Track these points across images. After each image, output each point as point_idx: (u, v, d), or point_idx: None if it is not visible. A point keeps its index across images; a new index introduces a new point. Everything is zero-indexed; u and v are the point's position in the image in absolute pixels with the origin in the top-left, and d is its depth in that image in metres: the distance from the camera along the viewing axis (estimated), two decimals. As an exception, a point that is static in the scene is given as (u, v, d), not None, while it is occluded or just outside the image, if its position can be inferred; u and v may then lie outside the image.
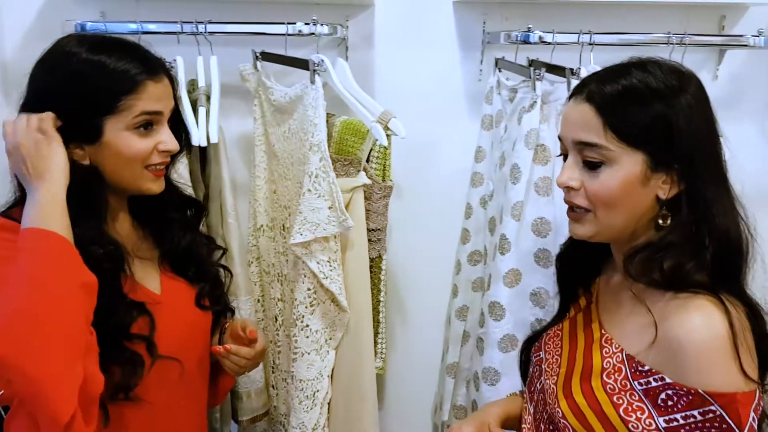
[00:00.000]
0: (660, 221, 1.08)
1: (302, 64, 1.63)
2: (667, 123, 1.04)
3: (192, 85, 1.73)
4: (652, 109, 1.05)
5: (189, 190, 1.54)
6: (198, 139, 1.59)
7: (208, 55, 1.70)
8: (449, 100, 1.98)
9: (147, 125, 1.22)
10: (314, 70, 1.57)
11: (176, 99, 1.30)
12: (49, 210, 1.10)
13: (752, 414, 0.97)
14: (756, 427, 0.99)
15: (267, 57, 1.77)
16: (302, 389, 1.68)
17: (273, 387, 1.90)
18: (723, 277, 1.05)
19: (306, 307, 1.65)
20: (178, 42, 1.67)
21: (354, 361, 1.71)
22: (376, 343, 1.81)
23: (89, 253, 1.14)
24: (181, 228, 1.38)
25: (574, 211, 1.14)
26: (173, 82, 1.28)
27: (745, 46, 1.76)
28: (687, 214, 1.06)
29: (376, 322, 1.80)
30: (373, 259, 1.76)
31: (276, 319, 1.86)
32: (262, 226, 1.85)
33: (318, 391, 1.69)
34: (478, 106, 1.95)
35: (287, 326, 1.81)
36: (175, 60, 1.66)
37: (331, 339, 1.69)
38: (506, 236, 1.65)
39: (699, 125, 1.06)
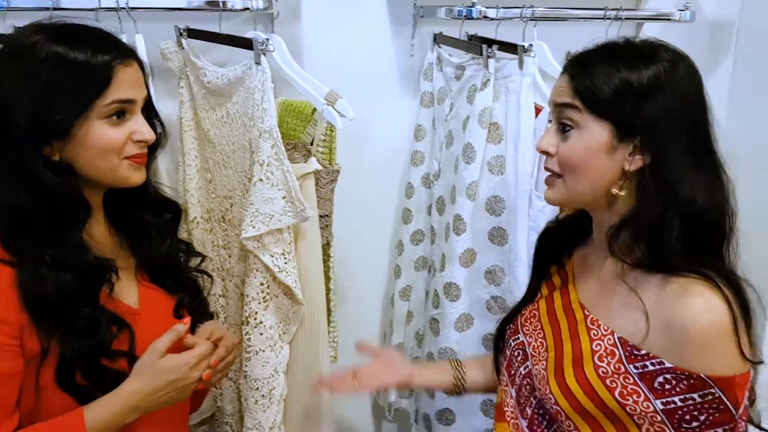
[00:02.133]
0: (614, 189, 1.08)
1: (241, 42, 1.51)
2: (631, 95, 1.05)
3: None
4: (617, 78, 1.05)
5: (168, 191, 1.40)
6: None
7: (132, 34, 1.53)
8: (380, 76, 1.92)
9: (120, 114, 1.11)
10: (260, 50, 1.46)
11: (147, 87, 1.17)
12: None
13: (746, 393, 1.01)
14: (749, 404, 1.03)
15: (194, 34, 1.62)
16: (257, 388, 1.59)
17: (216, 387, 1.79)
18: (699, 250, 1.06)
19: (259, 303, 1.56)
20: (97, 19, 1.48)
21: (310, 354, 1.64)
22: (328, 332, 1.75)
23: (80, 263, 1.07)
24: (160, 233, 1.26)
25: (550, 176, 1.15)
26: (143, 68, 1.16)
27: (669, 19, 1.82)
28: (652, 187, 1.06)
29: (328, 311, 1.74)
30: (322, 247, 1.68)
31: (217, 316, 1.74)
32: (195, 218, 1.72)
33: (274, 388, 1.61)
34: (411, 83, 1.91)
35: (231, 324, 1.71)
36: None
37: (284, 333, 1.61)
38: (461, 216, 1.63)
39: (667, 99, 1.05)
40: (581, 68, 1.09)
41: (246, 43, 1.49)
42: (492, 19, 1.68)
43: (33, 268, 1.05)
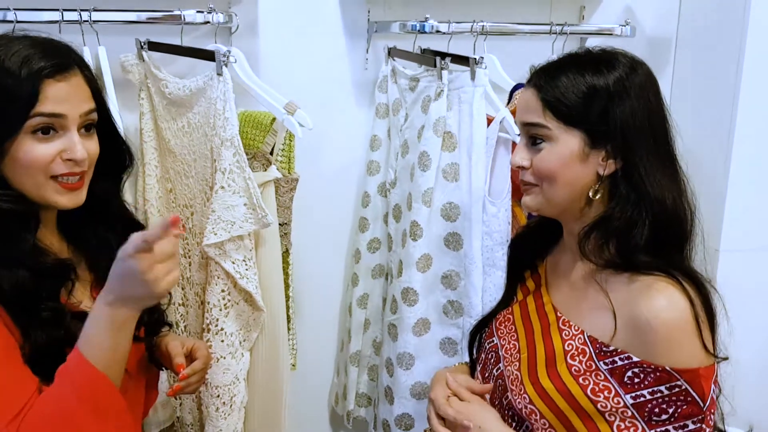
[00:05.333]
0: (590, 194, 1.13)
1: (203, 54, 1.55)
2: (599, 100, 1.09)
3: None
4: (584, 84, 1.10)
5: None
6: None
7: (94, 47, 1.55)
8: (336, 88, 1.97)
9: (45, 129, 1.06)
10: (222, 62, 1.50)
11: (101, 100, 1.16)
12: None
13: (713, 386, 1.06)
14: (716, 397, 1.07)
15: (155, 47, 1.65)
16: (218, 396, 1.61)
17: (177, 397, 1.80)
18: (665, 249, 1.10)
19: (220, 310, 1.58)
20: (60, 32, 1.51)
21: (270, 361, 1.67)
22: (288, 339, 1.78)
23: (37, 264, 1.06)
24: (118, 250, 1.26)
25: (526, 184, 1.19)
26: (93, 82, 1.14)
27: (610, 34, 1.92)
28: (625, 189, 1.11)
29: (287, 318, 1.76)
30: (282, 255, 1.71)
31: (177, 326, 1.75)
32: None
33: (235, 395, 1.63)
34: (366, 95, 1.97)
35: (191, 332, 1.72)
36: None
37: (245, 341, 1.64)
38: (418, 222, 1.68)
39: (632, 102, 1.10)
40: (547, 79, 1.12)
41: (208, 55, 1.53)
42: (444, 33, 1.75)
43: None
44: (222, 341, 1.59)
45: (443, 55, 1.67)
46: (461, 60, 1.66)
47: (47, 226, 1.18)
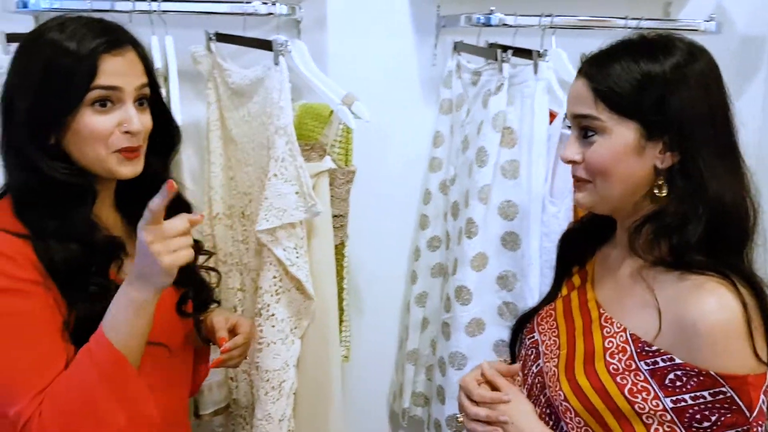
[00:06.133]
0: (656, 191, 1.07)
1: (263, 44, 1.58)
2: (655, 89, 1.03)
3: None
4: (638, 71, 1.04)
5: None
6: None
7: (162, 36, 1.62)
8: (403, 84, 1.96)
9: (103, 102, 1.12)
10: (279, 52, 1.52)
11: (153, 77, 1.20)
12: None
13: (762, 396, 0.98)
14: (765, 409, 0.99)
15: (222, 38, 1.70)
16: (268, 380, 1.62)
17: (232, 379, 1.84)
18: (722, 249, 1.04)
19: (271, 296, 1.60)
20: (130, 21, 1.57)
21: (320, 350, 1.67)
22: (340, 330, 1.78)
23: (89, 239, 1.10)
24: None
25: (578, 180, 1.14)
26: (146, 59, 1.19)
27: (696, 30, 1.81)
28: (682, 183, 1.05)
29: (340, 310, 1.77)
30: (336, 246, 1.72)
31: (235, 310, 1.79)
32: (218, 214, 1.78)
33: (284, 381, 1.64)
34: (433, 92, 1.95)
35: (249, 316, 1.75)
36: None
37: (296, 328, 1.65)
38: (473, 220, 1.65)
39: (691, 91, 1.04)
40: (599, 68, 1.08)
41: (266, 45, 1.55)
42: (510, 26, 1.71)
43: (43, 240, 1.10)
44: (273, 326, 1.61)
45: (506, 48, 1.62)
46: (525, 53, 1.62)
47: (104, 202, 1.23)
